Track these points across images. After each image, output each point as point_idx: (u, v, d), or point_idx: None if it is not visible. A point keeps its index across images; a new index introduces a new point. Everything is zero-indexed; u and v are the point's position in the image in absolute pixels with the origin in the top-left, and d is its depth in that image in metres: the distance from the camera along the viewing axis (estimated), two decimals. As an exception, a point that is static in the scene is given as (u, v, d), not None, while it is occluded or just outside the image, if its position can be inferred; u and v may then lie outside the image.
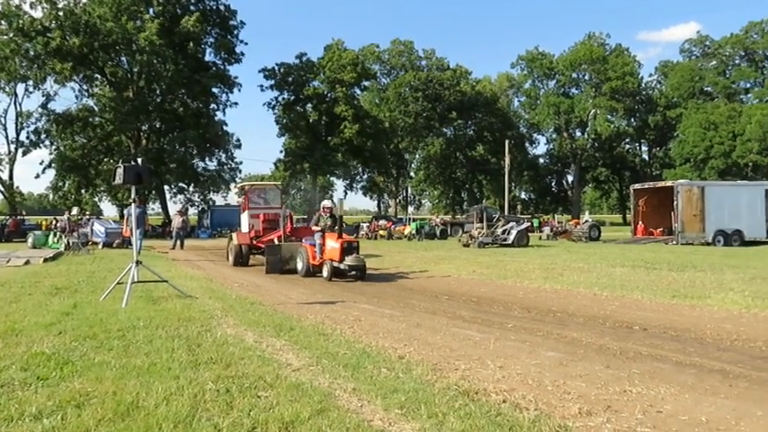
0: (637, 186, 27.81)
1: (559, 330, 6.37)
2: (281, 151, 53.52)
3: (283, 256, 13.54)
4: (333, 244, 11.83)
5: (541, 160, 71.89)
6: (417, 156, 68.29)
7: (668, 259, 14.83)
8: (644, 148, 73.66)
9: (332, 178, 58.81)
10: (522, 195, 74.17)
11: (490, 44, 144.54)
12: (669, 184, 26.16)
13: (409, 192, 72.94)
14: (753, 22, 63.64)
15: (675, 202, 23.41)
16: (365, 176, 62.27)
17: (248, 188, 17.81)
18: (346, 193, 60.67)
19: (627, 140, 70.20)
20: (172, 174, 42.73)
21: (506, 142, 47.41)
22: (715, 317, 7.07)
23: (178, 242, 23.63)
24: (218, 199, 46.60)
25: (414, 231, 31.75)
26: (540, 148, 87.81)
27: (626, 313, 7.48)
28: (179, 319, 6.67)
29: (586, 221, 30.13)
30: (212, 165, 46.23)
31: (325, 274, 11.90)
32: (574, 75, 65.96)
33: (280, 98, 52.97)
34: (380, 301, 9.00)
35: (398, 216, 49.82)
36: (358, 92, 56.81)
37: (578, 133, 67.40)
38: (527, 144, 70.95)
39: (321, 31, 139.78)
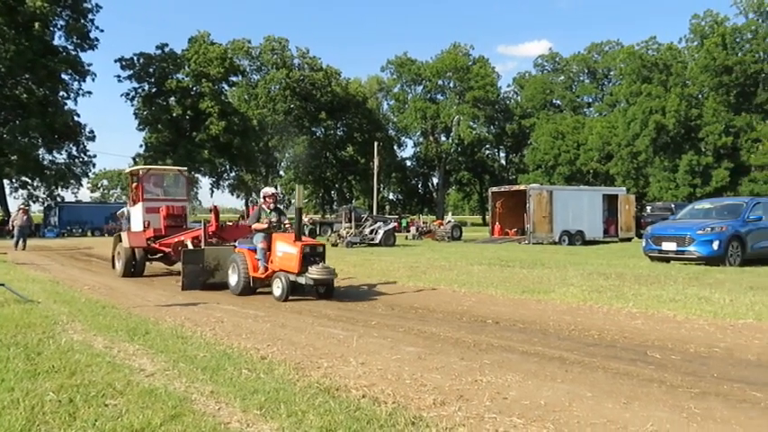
0: (494, 189, 29.63)
1: (420, 326, 6.62)
2: (141, 146, 50.49)
3: (207, 266, 10.20)
4: (288, 249, 8.77)
5: (409, 163, 74.32)
6: (287, 155, 67.62)
7: (520, 257, 15.98)
8: (502, 154, 78.80)
9: (197, 175, 56.42)
10: (391, 196, 76.14)
11: (361, 47, 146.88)
12: (522, 187, 28.19)
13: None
14: (594, 43, 70.75)
15: (528, 205, 25.27)
16: (232, 174, 60.51)
17: (142, 173, 13.84)
18: (212, 192, 58.52)
19: (487, 146, 74.61)
20: (12, 166, 38.64)
21: (375, 144, 48.35)
22: (557, 309, 7.72)
23: (20, 242, 21.42)
24: (67, 195, 42.87)
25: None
26: (407, 150, 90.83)
27: (481, 308, 7.94)
28: (17, 325, 6.07)
29: (449, 222, 31.57)
30: (61, 157, 42.48)
31: (276, 291, 8.74)
32: (440, 82, 68.91)
33: (139, 90, 49.88)
34: (245, 301, 8.80)
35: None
36: (226, 87, 55.08)
37: (443, 138, 70.52)
38: (395, 146, 72.95)
39: (187, 22, 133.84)
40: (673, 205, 30.97)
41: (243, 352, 5.19)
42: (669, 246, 13.91)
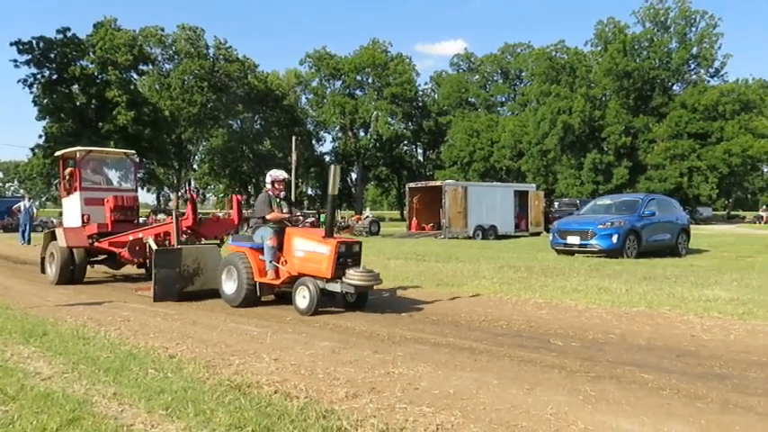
0: (411, 185, 30.07)
1: (335, 321, 6.64)
2: (41, 136, 47.25)
3: (184, 270, 8.31)
4: (315, 247, 7.02)
5: (327, 158, 73.95)
6: (201, 148, 65.54)
7: (436, 252, 16.34)
8: (420, 150, 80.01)
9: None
10: (309, 191, 75.56)
11: (279, 39, 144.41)
12: (438, 183, 28.77)
13: (192, 185, 69.67)
14: (507, 45, 73.12)
15: (443, 200, 25.84)
16: (143, 167, 57.89)
17: (80, 157, 11.24)
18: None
19: (405, 142, 75.44)
20: None
21: (294, 138, 47.84)
22: (469, 301, 7.96)
23: None
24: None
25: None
26: (326, 145, 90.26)
27: (396, 302, 8.06)
28: None
29: (367, 217, 31.78)
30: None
31: (302, 302, 6.94)
32: (358, 77, 68.89)
33: (39, 76, 46.65)
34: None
35: (180, 210, 47.24)
36: (135, 76, 52.59)
37: (362, 133, 70.71)
38: (314, 141, 72.44)
39: (93, 6, 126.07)
40: (578, 201, 32.69)
41: (150, 351, 5.01)
42: (573, 239, 14.67)
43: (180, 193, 63.39)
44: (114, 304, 7.90)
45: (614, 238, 13.96)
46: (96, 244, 10.60)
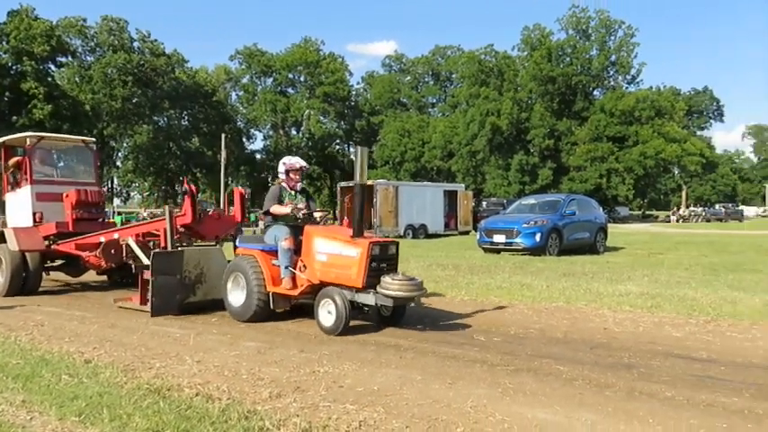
0: (343, 184, 30.05)
1: (263, 320, 6.56)
2: (-54, 129, 44.00)
3: (186, 277, 7.06)
4: (341, 249, 5.81)
5: (258, 156, 72.79)
6: (125, 144, 62.96)
7: (366, 251, 16.39)
8: (352, 150, 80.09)
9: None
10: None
11: (208, 34, 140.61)
12: (370, 183, 28.90)
13: (115, 183, 66.82)
14: (438, 47, 74.39)
15: (375, 200, 25.99)
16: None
17: (30, 144, 9.53)
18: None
19: (337, 141, 75.35)
20: None
21: (223, 136, 46.81)
22: (397, 300, 8.05)
23: None
24: None
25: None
26: (257, 143, 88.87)
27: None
28: None
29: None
30: None
31: (327, 320, 5.72)
32: (290, 75, 68.27)
33: (-56, 64, 43.49)
34: (70, 301, 8.12)
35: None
36: (53, 68, 49.90)
37: (294, 132, 70.07)
38: (245, 139, 71.08)
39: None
40: (505, 201, 33.68)
41: (64, 356, 4.80)
42: (499, 238, 15.13)
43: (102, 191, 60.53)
44: (26, 308, 7.50)
45: (537, 237, 14.49)
46: (55, 247, 8.93)
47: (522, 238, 14.67)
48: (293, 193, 6.76)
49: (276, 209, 6.51)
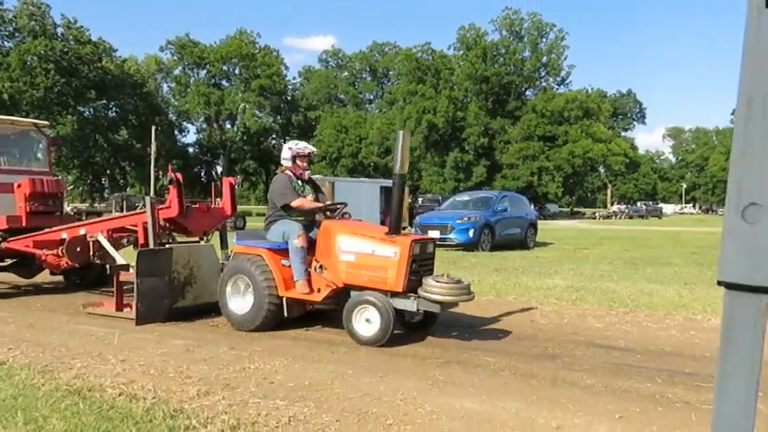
0: (279, 180, 29.68)
1: (190, 317, 6.40)
2: None
3: (175, 278, 6.27)
4: (375, 248, 5.13)
5: (191, 149, 70.83)
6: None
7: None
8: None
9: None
10: (171, 184, 71.80)
11: (137, 22, 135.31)
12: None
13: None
14: (376, 43, 74.66)
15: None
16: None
17: None
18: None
19: (273, 136, 74.34)
20: None
21: (153, 128, 45.20)
22: (331, 295, 8.04)
23: None
24: None
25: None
26: (190, 136, 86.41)
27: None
28: None
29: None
30: None
31: (366, 330, 5.06)
32: (225, 67, 66.70)
33: None
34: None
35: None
36: (-35, 53, 46.79)
37: (228, 125, 68.56)
38: (176, 132, 68.97)
39: None
40: (440, 197, 34.18)
41: (-25, 359, 4.52)
42: (434, 233, 15.30)
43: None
44: (-67, 308, 7.01)
45: (470, 233, 14.81)
46: (6, 245, 7.81)
47: (456, 233, 14.95)
48: (300, 183, 6.00)
49: (301, 202, 5.69)
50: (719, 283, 0.62)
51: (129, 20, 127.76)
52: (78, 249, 7.33)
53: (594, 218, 56.62)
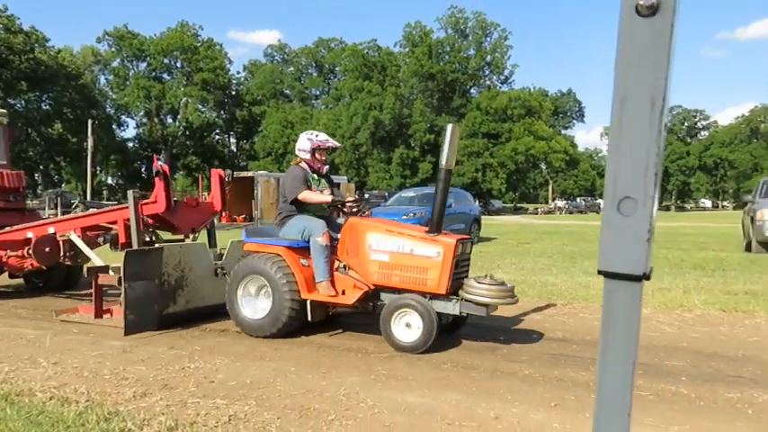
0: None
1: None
2: None
3: (165, 281, 5.62)
4: (422, 248, 4.82)
5: (131, 144, 68.55)
6: (-26, 129, 56.63)
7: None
8: (233, 140, 77.79)
9: None
10: (110, 180, 69.44)
11: (72, 12, 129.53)
12: (250, 174, 28.28)
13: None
14: (322, 39, 74.11)
15: (255, 191, 25.47)
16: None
17: None
18: None
19: (217, 131, 72.86)
20: None
21: (90, 122, 43.53)
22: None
23: None
24: None
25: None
26: (129, 131, 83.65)
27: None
28: None
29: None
30: None
31: (409, 335, 4.75)
32: (166, 60, 64.86)
33: None
34: None
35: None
36: None
37: (170, 120, 66.74)
38: (115, 126, 66.59)
39: None
40: (386, 193, 34.35)
41: None
42: (380, 230, 15.41)
43: None
44: None
45: (416, 228, 14.92)
46: None
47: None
48: (316, 177, 5.61)
49: (309, 195, 5.33)
50: (599, 272, 0.66)
51: (64, 9, 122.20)
52: (47, 250, 6.77)
53: (537, 213, 58.20)
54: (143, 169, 70.34)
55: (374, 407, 3.48)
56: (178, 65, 65.20)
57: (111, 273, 5.83)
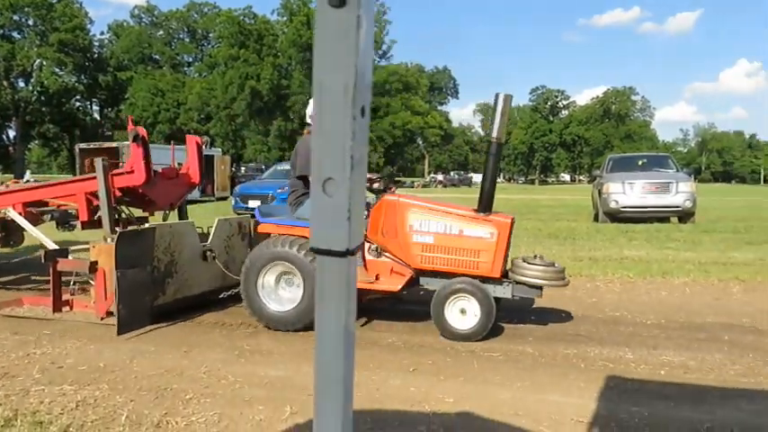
0: (82, 146, 26.93)
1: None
2: None
3: (155, 267, 4.76)
4: (472, 229, 4.49)
5: (-26, 110, 61.22)
6: None
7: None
8: (96, 108, 72.05)
9: None
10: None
11: None
12: (114, 145, 26.44)
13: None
14: (194, 3, 70.25)
15: (120, 163, 23.86)
16: None
17: None
18: None
19: (77, 98, 67.09)
20: None
21: None
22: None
23: None
24: None
25: None
26: (-29, 95, 74.34)
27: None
28: None
29: (27, 182, 27.49)
30: None
31: (464, 322, 4.40)
32: (15, 17, 58.33)
33: None
34: None
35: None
36: None
37: (22, 83, 60.42)
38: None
39: None
40: (263, 166, 33.71)
41: None
42: (254, 203, 15.12)
43: None
44: None
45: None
46: None
47: (277, 203, 14.88)
48: None
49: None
50: (311, 249, 0.72)
51: None
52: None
53: (413, 186, 59.89)
54: (-11, 137, 63.29)
55: (235, 383, 3.46)
56: (30, 22, 58.90)
57: (70, 257, 5.04)
